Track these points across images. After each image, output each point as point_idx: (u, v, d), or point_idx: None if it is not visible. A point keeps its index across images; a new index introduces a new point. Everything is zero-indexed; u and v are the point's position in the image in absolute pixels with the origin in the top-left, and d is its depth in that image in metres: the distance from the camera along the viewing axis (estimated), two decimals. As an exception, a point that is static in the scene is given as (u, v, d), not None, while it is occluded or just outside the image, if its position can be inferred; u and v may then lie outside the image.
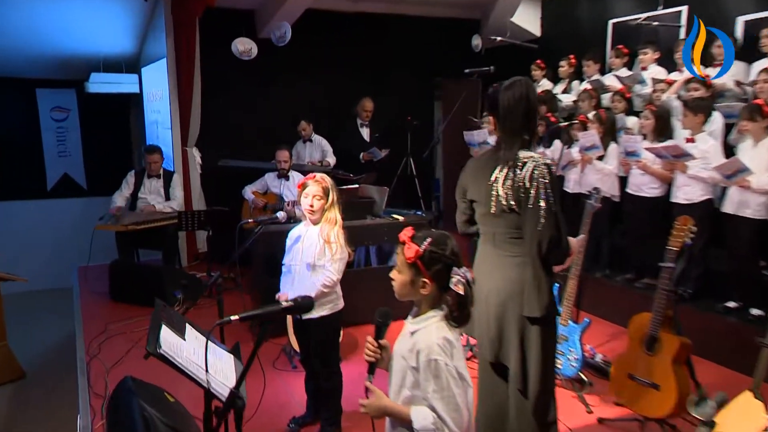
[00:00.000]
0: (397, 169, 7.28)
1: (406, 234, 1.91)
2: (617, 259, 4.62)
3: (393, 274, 1.94)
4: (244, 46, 5.90)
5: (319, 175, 3.17)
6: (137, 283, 5.12)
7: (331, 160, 6.60)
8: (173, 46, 6.05)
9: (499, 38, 6.13)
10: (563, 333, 3.36)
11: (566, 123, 4.75)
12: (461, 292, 1.83)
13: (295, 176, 5.76)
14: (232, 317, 2.01)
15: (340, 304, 3.19)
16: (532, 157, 2.46)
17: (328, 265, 3.09)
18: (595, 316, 4.27)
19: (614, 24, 5.88)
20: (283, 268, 3.25)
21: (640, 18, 5.33)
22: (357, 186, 4.92)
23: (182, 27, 5.95)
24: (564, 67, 6.06)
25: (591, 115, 5.00)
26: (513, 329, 2.50)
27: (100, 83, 7.72)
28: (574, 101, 5.52)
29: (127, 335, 4.49)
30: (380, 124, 7.04)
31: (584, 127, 4.77)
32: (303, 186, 3.15)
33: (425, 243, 1.88)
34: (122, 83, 7.86)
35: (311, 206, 3.11)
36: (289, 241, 3.23)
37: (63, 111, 8.81)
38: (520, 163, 2.46)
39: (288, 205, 5.47)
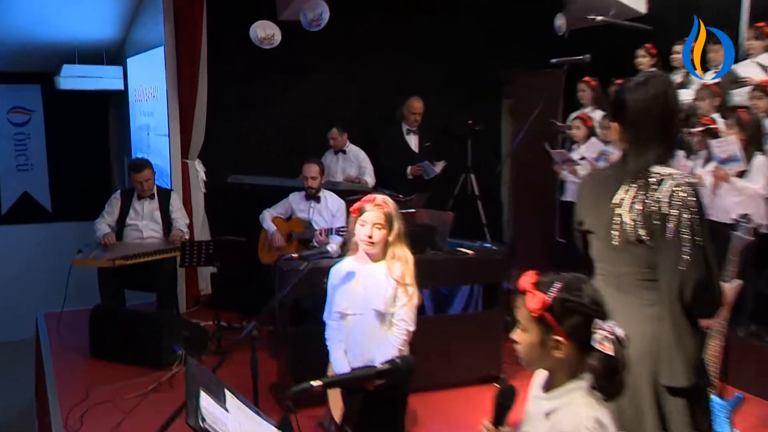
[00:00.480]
0: (453, 188, 7.30)
1: (527, 280, 1.89)
2: (765, 310, 4.53)
3: (516, 335, 1.91)
4: (264, 32, 5.99)
5: (380, 198, 3.20)
6: (126, 335, 5.15)
7: (370, 179, 6.66)
8: (173, 30, 6.16)
9: (599, 17, 6.13)
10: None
11: (698, 129, 4.70)
12: (610, 352, 1.79)
13: (328, 197, 5.81)
14: (314, 383, 1.99)
15: (410, 363, 3.21)
16: (671, 174, 2.41)
17: (401, 313, 3.11)
18: (742, 390, 4.16)
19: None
20: (331, 318, 3.27)
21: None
22: (413, 210, 4.93)
23: (185, 7, 6.07)
24: (644, 57, 6.03)
25: (717, 116, 4.94)
26: (648, 403, 2.44)
27: (74, 77, 7.89)
28: (694, 99, 5.47)
29: (115, 404, 4.50)
30: (431, 131, 7.09)
31: (712, 134, 4.71)
32: (359, 211, 3.19)
33: (554, 289, 1.85)
34: (102, 77, 8.03)
35: (369, 237, 3.15)
36: (334, 280, 3.27)
37: (24, 113, 9.05)
38: (654, 181, 2.41)
39: (320, 234, 5.50)
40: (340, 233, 5.34)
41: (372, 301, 3.18)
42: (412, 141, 7.00)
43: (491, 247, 5.03)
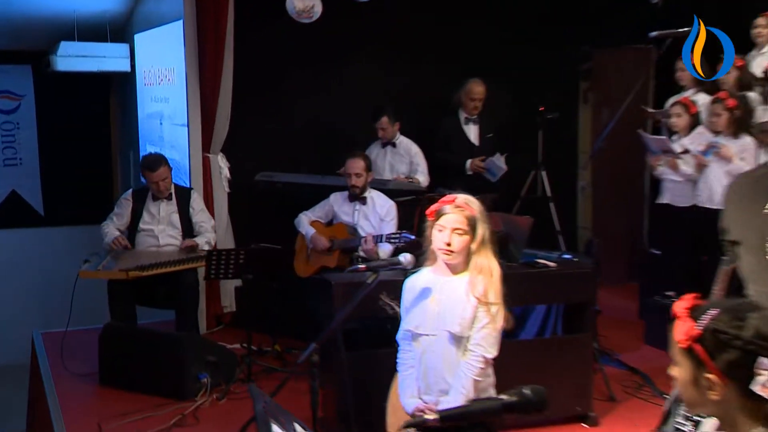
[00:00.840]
0: (520, 188, 7.28)
1: (682, 305, 1.86)
2: None
3: (673, 371, 1.89)
4: (303, 3, 6.04)
5: (462, 198, 3.23)
6: (143, 360, 5.22)
7: (423, 177, 6.71)
8: (193, 1, 6.25)
9: None
10: None
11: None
12: None
13: (375, 198, 5.88)
14: (429, 417, 2.01)
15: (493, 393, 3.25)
16: None
17: (479, 336, 3.11)
18: None
19: None
20: (402, 338, 3.30)
21: None
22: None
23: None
24: (763, 28, 6.00)
25: None
26: None
27: (73, 57, 8.01)
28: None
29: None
30: (495, 120, 7.13)
31: None
32: (436, 214, 3.21)
33: (706, 317, 1.82)
34: (105, 57, 8.15)
35: (448, 245, 3.18)
36: (409, 295, 3.31)
37: (12, 98, 9.21)
38: None
39: (366, 241, 5.53)
40: (392, 240, 5.38)
41: (447, 321, 3.19)
42: (472, 132, 7.03)
43: (574, 259, 5.01)
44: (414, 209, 6.41)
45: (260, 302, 6.00)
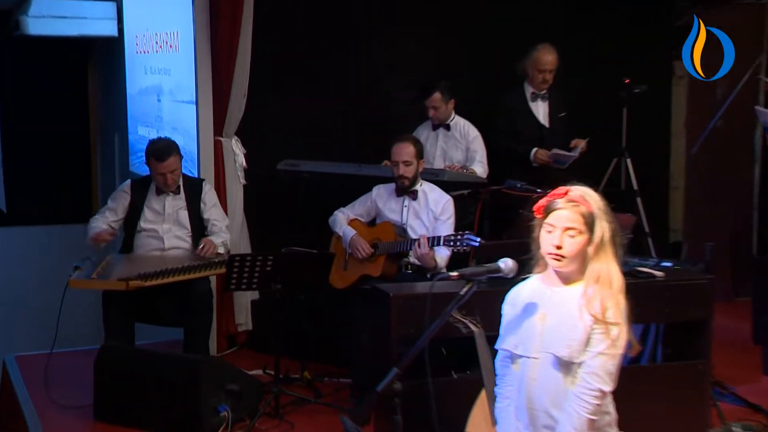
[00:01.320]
0: (598, 179, 7.31)
1: None
2: None
3: None
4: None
5: (577, 191, 3.22)
6: (149, 389, 5.24)
7: (481, 168, 6.76)
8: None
9: None
10: None
11: None
12: None
13: (428, 192, 5.97)
14: None
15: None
16: None
17: (594, 363, 3.10)
18: None
19: None
20: (500, 361, 3.38)
21: None
22: None
23: None
24: None
25: None
26: None
27: (46, 18, 8.06)
28: None
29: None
30: (567, 96, 7.21)
31: None
32: (545, 210, 3.19)
33: None
34: (87, 18, 8.20)
35: (558, 248, 3.15)
36: (510, 309, 3.33)
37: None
38: None
39: (419, 245, 5.60)
40: (452, 244, 5.43)
41: (553, 342, 3.16)
42: (540, 110, 7.11)
43: (683, 267, 5.02)
44: (471, 206, 6.54)
45: (287, 319, 6.00)
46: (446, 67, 7.19)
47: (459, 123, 6.83)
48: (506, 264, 3.37)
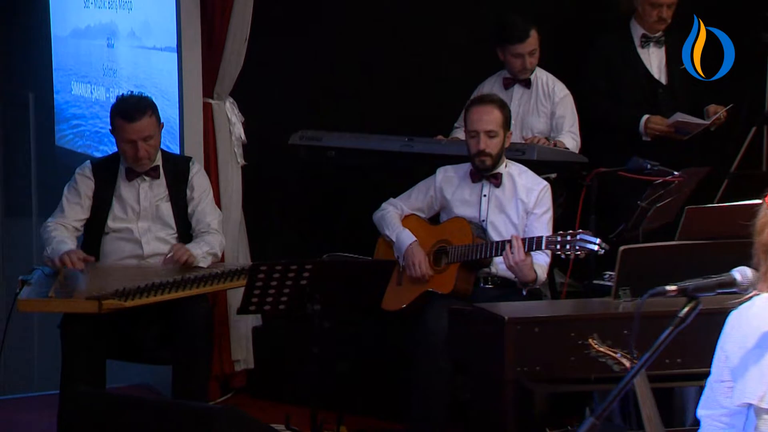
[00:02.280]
0: (733, 154, 7.80)
1: None
2: None
3: None
4: None
5: None
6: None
7: (572, 141, 7.12)
8: None
9: None
10: None
11: None
12: None
13: (515, 175, 6.32)
14: None
15: None
16: None
17: None
18: None
19: None
20: (723, 413, 3.50)
21: None
22: (759, 202, 5.36)
23: None
24: None
25: None
26: None
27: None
28: None
29: None
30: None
31: None
32: None
33: None
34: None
35: None
36: (741, 337, 3.44)
37: None
38: None
39: (511, 249, 5.88)
40: (557, 248, 5.78)
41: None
42: (654, 60, 7.53)
43: None
44: (560, 195, 6.93)
45: (295, 356, 6.37)
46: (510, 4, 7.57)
47: (542, 78, 7.18)
48: (743, 274, 3.56)
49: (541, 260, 5.99)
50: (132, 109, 6.30)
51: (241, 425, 5.72)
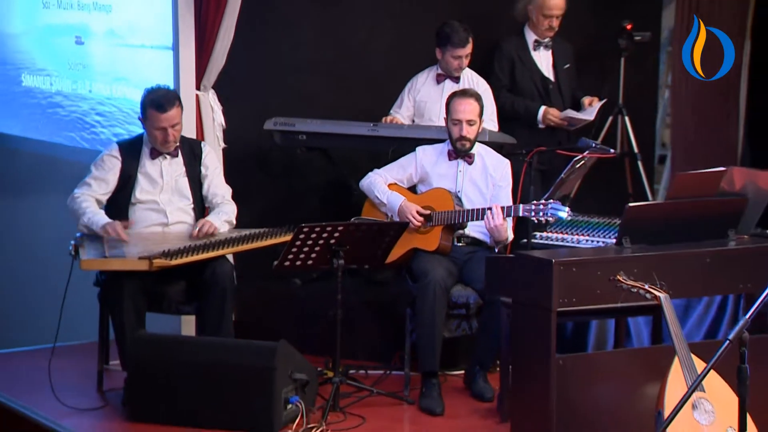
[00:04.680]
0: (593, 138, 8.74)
1: None
2: None
3: None
4: None
5: None
6: (205, 383, 6.25)
7: (493, 126, 7.86)
8: None
9: None
10: None
11: None
12: None
13: (484, 155, 7.11)
14: None
15: None
16: None
17: None
18: None
19: None
20: None
21: None
22: (724, 170, 6.37)
23: None
24: None
25: None
26: None
27: None
28: None
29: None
30: (570, 45, 8.57)
31: None
32: None
33: None
34: None
35: None
36: None
37: None
38: None
39: (492, 214, 6.66)
40: (532, 214, 6.57)
41: None
42: (544, 61, 8.41)
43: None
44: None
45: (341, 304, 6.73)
46: (435, 9, 8.38)
47: (467, 74, 7.94)
48: None
49: (510, 225, 6.78)
50: (163, 100, 6.76)
51: (293, 359, 6.39)
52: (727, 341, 4.38)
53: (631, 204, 6.28)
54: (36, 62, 8.76)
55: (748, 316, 4.45)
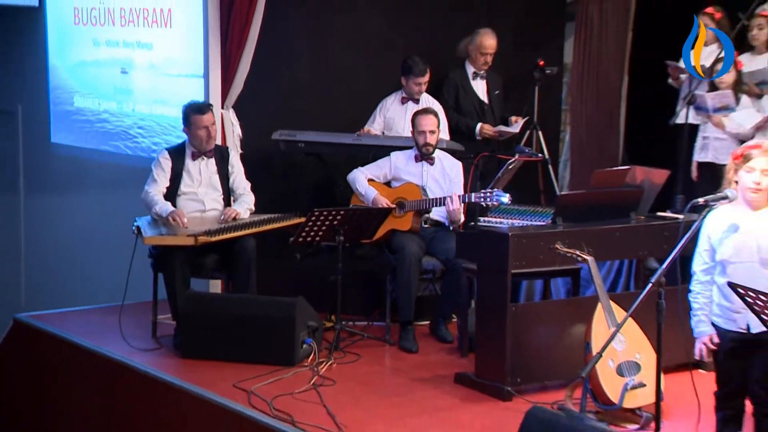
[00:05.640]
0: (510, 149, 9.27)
1: None
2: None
3: None
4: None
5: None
6: (240, 328, 6.70)
7: (445, 136, 8.26)
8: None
9: None
10: None
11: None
12: None
13: (443, 158, 7.54)
14: None
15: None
16: None
17: None
18: None
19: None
20: (705, 270, 5.02)
21: None
22: (628, 168, 6.91)
23: None
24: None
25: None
26: None
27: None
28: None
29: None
30: (499, 76, 9.00)
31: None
32: (744, 158, 4.86)
33: None
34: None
35: (757, 184, 4.79)
36: (715, 229, 4.97)
37: None
38: None
39: (451, 201, 7.14)
40: (482, 200, 7.03)
41: (760, 250, 4.82)
42: (480, 88, 8.84)
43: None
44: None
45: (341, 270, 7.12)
46: (399, 45, 8.81)
47: (425, 97, 8.34)
48: (732, 192, 4.89)
49: (462, 210, 7.22)
50: (202, 106, 7.29)
51: (306, 311, 6.86)
52: (650, 283, 4.95)
53: (561, 193, 6.87)
54: (86, 87, 9.07)
55: (664, 266, 4.95)
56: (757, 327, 4.77)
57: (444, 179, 7.55)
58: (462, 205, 7.22)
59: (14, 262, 10.20)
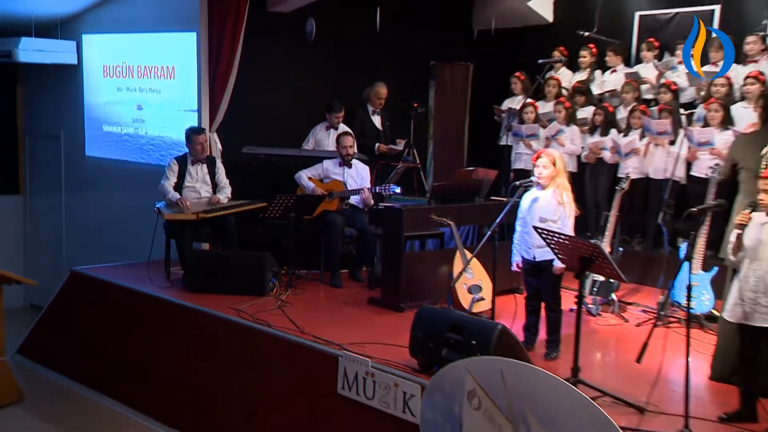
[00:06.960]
0: (397, 159, 10.28)
1: None
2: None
3: None
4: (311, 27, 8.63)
5: (546, 152, 6.13)
6: (228, 272, 7.50)
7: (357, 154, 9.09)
8: (207, 11, 8.49)
9: (586, 33, 9.42)
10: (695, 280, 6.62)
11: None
12: None
13: (357, 164, 8.42)
14: None
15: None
16: None
17: (564, 219, 5.97)
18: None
19: (641, 16, 9.59)
20: (521, 224, 6.18)
21: (671, 13, 9.11)
22: (474, 168, 8.01)
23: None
24: (586, 57, 9.62)
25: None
26: None
27: (29, 51, 9.53)
28: (609, 91, 9.18)
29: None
30: (387, 113, 9.83)
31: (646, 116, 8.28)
32: (538, 158, 6.01)
33: None
34: (58, 51, 9.79)
35: (539, 174, 5.98)
36: (524, 203, 6.13)
37: None
38: None
39: (364, 191, 8.11)
40: (384, 191, 7.99)
41: (540, 210, 5.99)
42: (377, 120, 9.74)
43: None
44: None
45: (294, 237, 7.85)
46: (326, 92, 9.58)
47: (341, 126, 9.17)
48: (534, 179, 6.00)
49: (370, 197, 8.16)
50: (199, 129, 8.10)
51: (271, 261, 7.59)
52: (491, 231, 6.08)
53: (435, 183, 7.81)
54: (111, 118, 9.58)
55: (499, 219, 6.07)
56: (540, 257, 5.97)
57: (358, 177, 8.32)
58: (370, 194, 8.15)
59: (58, 242, 10.53)
